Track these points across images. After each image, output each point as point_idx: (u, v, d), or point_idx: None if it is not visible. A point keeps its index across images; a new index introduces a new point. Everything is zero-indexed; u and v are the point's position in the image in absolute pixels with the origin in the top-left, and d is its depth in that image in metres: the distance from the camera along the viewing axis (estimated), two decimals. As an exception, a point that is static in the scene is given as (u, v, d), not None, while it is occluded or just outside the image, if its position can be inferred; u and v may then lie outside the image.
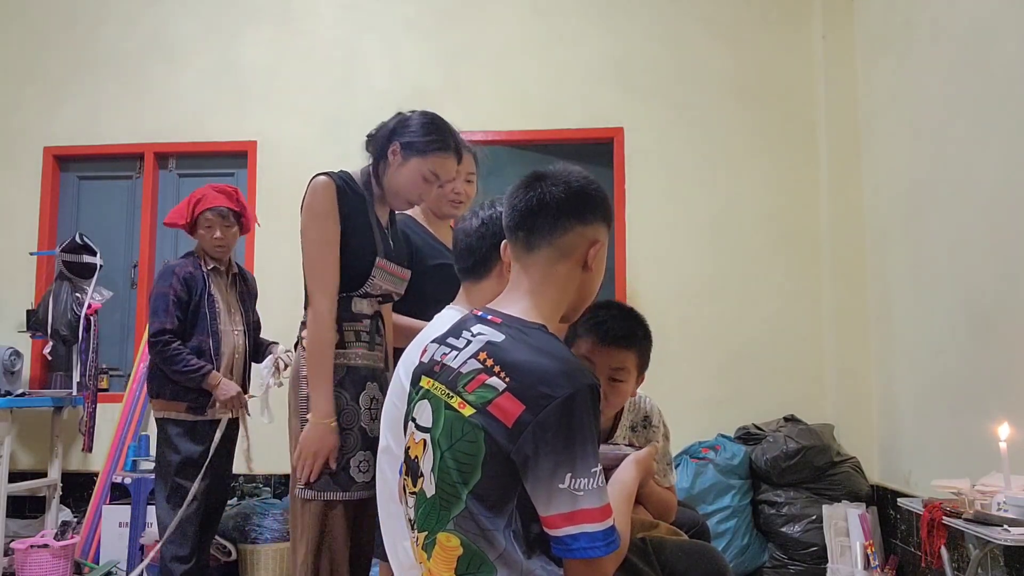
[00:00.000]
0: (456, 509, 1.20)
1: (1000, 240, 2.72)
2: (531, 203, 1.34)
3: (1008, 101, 2.68)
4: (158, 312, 2.99)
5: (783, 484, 3.65)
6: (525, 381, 1.17)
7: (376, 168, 2.07)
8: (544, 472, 1.15)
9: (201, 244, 3.15)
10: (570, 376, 1.17)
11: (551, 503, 1.16)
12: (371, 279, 2.00)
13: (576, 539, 1.16)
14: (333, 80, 4.48)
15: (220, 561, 3.60)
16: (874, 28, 3.86)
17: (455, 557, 1.21)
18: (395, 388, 1.71)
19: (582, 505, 1.15)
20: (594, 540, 1.16)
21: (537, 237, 1.33)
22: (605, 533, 1.17)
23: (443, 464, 1.22)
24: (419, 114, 2.05)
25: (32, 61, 4.63)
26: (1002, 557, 2.56)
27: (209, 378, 2.96)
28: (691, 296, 4.19)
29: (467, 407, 1.21)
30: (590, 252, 1.34)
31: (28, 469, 4.25)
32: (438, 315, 1.76)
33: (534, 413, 1.15)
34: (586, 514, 1.15)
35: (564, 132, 4.39)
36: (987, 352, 2.81)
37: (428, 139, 2.01)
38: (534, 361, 1.19)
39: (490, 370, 1.21)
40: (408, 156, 2.01)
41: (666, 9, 4.38)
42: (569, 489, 1.14)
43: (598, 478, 1.17)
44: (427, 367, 1.35)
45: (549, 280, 1.33)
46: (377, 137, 2.07)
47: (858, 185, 4.01)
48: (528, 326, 1.28)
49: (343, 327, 1.98)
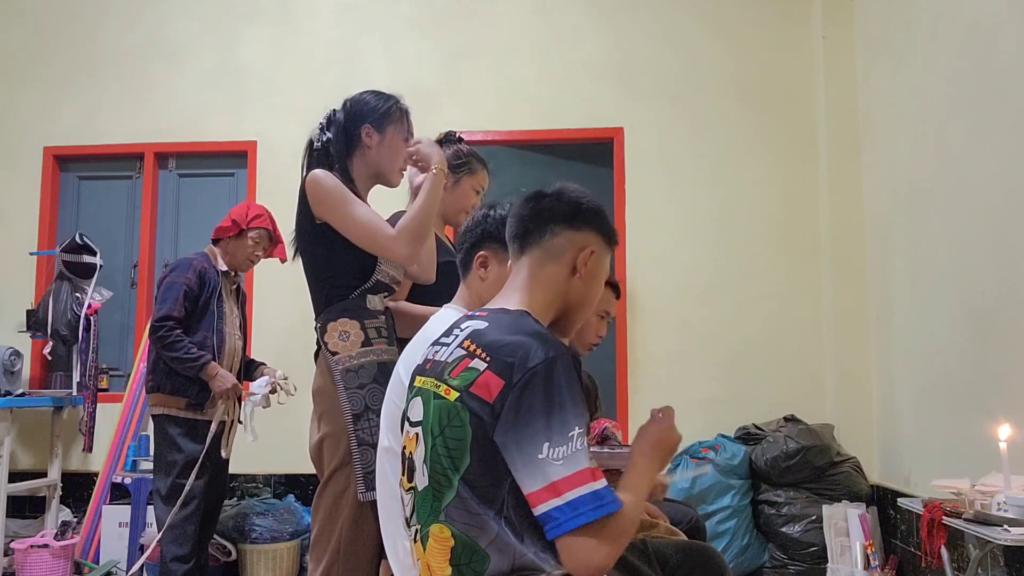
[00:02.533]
0: (447, 498, 1.22)
1: (1000, 240, 2.72)
2: (527, 213, 1.42)
3: (1008, 101, 2.68)
4: (167, 300, 3.02)
5: (783, 484, 3.65)
6: (502, 357, 1.21)
7: (349, 161, 2.09)
8: (524, 445, 1.15)
9: (235, 252, 3.24)
10: (544, 347, 1.21)
11: (533, 478, 1.15)
12: (379, 266, 2.02)
13: (561, 511, 1.14)
14: (333, 80, 4.47)
15: (220, 561, 3.60)
16: (874, 28, 3.86)
17: (449, 548, 1.22)
18: (395, 386, 1.72)
19: (563, 474, 1.14)
20: (578, 507, 1.13)
21: (528, 242, 1.41)
22: (593, 496, 1.14)
23: (434, 452, 1.25)
24: (365, 93, 2.14)
25: (32, 61, 4.63)
26: (1002, 557, 2.56)
27: (208, 367, 2.98)
28: (691, 296, 4.19)
29: (452, 392, 1.24)
30: (579, 257, 1.39)
31: (28, 469, 4.25)
32: (436, 315, 1.79)
33: (510, 385, 1.18)
34: (568, 481, 1.14)
35: (564, 132, 4.39)
36: (987, 352, 2.81)
37: (390, 105, 2.11)
38: (510, 338, 1.24)
39: (472, 354, 1.25)
40: (384, 128, 2.08)
41: (666, 9, 4.39)
42: (548, 459, 1.14)
43: (576, 442, 1.15)
44: (421, 367, 1.39)
45: (537, 279, 1.39)
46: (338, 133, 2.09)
47: (858, 185, 4.01)
48: (509, 312, 1.34)
49: (365, 325, 1.99)
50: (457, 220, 2.43)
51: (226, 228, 3.22)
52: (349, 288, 2.01)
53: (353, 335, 1.98)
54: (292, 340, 4.26)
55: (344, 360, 1.96)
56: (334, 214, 1.98)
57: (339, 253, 2.00)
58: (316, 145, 2.12)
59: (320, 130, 2.12)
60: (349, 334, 1.98)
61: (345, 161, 2.09)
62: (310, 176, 2.01)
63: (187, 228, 4.57)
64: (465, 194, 2.38)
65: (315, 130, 2.14)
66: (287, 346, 4.26)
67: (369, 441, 1.91)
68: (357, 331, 1.98)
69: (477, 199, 2.42)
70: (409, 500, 1.33)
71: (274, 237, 3.33)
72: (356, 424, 1.92)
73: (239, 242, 3.23)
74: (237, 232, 3.21)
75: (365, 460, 1.90)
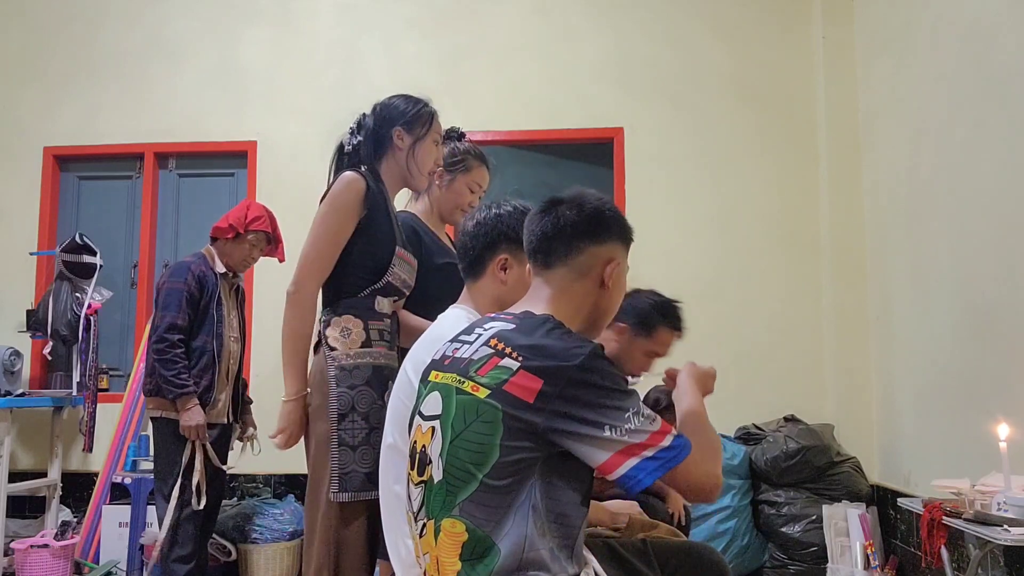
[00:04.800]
0: (464, 493, 1.23)
1: (1000, 240, 2.72)
2: (547, 227, 1.41)
3: (1008, 101, 2.68)
4: (170, 307, 3.01)
5: (783, 484, 3.65)
6: (537, 358, 1.23)
7: (378, 163, 2.10)
8: (584, 432, 1.19)
9: (232, 253, 3.22)
10: (577, 345, 1.24)
11: (602, 451, 1.20)
12: (391, 268, 2.03)
13: (639, 468, 1.19)
14: (333, 80, 4.48)
15: (220, 561, 3.60)
16: (874, 28, 3.86)
17: (460, 543, 1.23)
18: (402, 385, 1.71)
19: (633, 440, 1.19)
20: (656, 459, 1.20)
21: (554, 259, 1.41)
22: (666, 450, 1.20)
23: (453, 448, 1.25)
24: (394, 97, 2.15)
25: (32, 61, 4.64)
26: (1002, 557, 2.56)
27: (185, 399, 2.97)
28: (691, 296, 4.13)
29: (481, 389, 1.25)
30: (606, 271, 1.40)
31: (28, 469, 4.25)
32: (442, 314, 1.78)
33: (554, 385, 1.20)
34: (639, 447, 1.19)
35: (564, 132, 4.39)
36: (987, 352, 2.81)
37: (420, 108, 2.13)
38: (543, 341, 1.26)
39: (502, 353, 1.27)
40: (414, 130, 2.10)
41: (666, 9, 4.39)
42: (612, 437, 1.19)
43: (636, 417, 1.21)
44: (437, 363, 1.39)
45: (566, 296, 1.41)
46: (368, 136, 2.10)
47: (858, 185, 4.01)
48: (535, 316, 1.35)
49: (368, 326, 1.99)
50: (453, 218, 2.42)
51: (224, 230, 3.20)
52: (359, 286, 2.01)
53: (355, 334, 1.98)
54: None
55: (341, 357, 1.96)
56: (323, 215, 1.99)
57: (354, 250, 2.00)
58: (347, 149, 2.14)
59: (350, 134, 2.14)
60: (351, 332, 1.98)
61: (374, 163, 2.10)
62: (343, 175, 2.02)
63: (187, 228, 4.56)
64: (459, 192, 2.38)
65: (345, 134, 2.15)
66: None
67: (349, 443, 1.90)
68: (359, 330, 1.99)
69: (474, 196, 2.41)
70: (418, 494, 1.33)
71: (272, 238, 3.31)
72: (340, 424, 1.91)
73: (237, 244, 3.21)
74: (235, 235, 3.20)
75: (343, 461, 1.89)
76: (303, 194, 4.32)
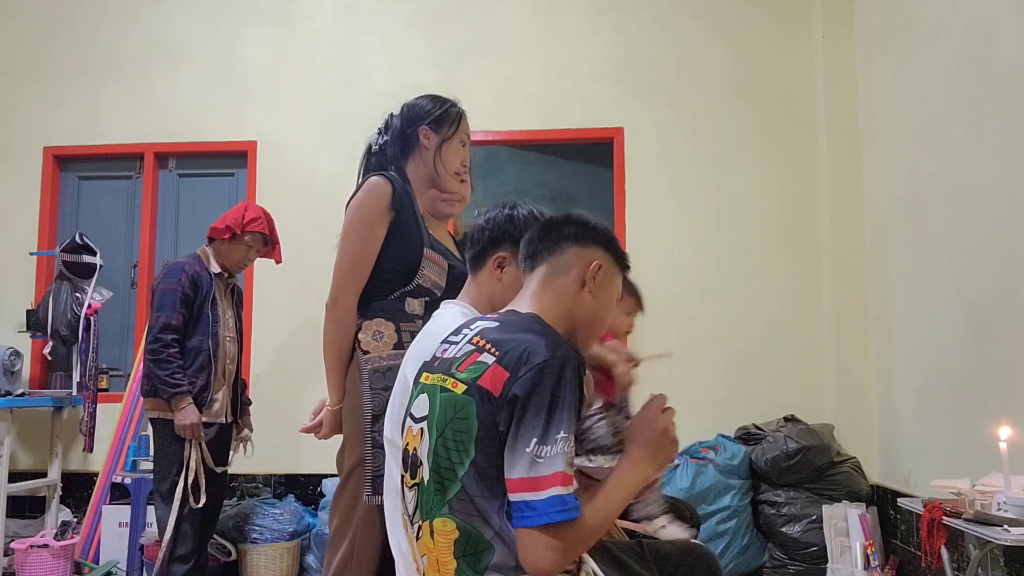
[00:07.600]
0: (452, 491, 1.24)
1: (1000, 240, 2.72)
2: (535, 235, 1.50)
3: (1008, 101, 2.68)
4: (164, 307, 3.02)
5: (783, 484, 3.65)
6: (511, 351, 1.25)
7: (405, 163, 2.11)
8: (519, 433, 1.19)
9: (228, 254, 3.22)
10: (552, 346, 1.24)
11: (514, 467, 1.19)
12: (421, 270, 2.02)
13: (529, 505, 1.18)
14: (333, 80, 4.48)
15: (220, 561, 3.60)
16: (874, 28, 3.86)
17: (453, 541, 1.24)
18: (400, 385, 1.72)
19: (541, 472, 1.17)
20: (542, 507, 1.17)
21: (538, 259, 1.48)
22: (559, 500, 1.17)
23: (437, 446, 1.27)
24: (421, 97, 2.16)
25: (32, 61, 4.63)
26: (1002, 557, 2.56)
27: (179, 398, 2.97)
28: (691, 296, 4.19)
29: (459, 385, 1.27)
30: (588, 271, 1.43)
31: (28, 469, 4.25)
32: (437, 312, 1.79)
33: (516, 378, 1.22)
34: (543, 480, 1.17)
35: (564, 132, 4.39)
36: (987, 352, 2.81)
37: (447, 107, 2.13)
38: (521, 336, 1.28)
39: (482, 349, 1.29)
40: (441, 130, 2.11)
41: (666, 9, 4.38)
42: (532, 454, 1.18)
43: (559, 444, 1.18)
44: (428, 365, 1.42)
45: (546, 290, 1.44)
46: (395, 136, 2.11)
47: (858, 185, 4.00)
48: (520, 313, 1.39)
49: (400, 327, 2.00)
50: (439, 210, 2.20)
51: (220, 230, 3.19)
52: (389, 289, 2.01)
53: (387, 336, 1.99)
54: (292, 340, 4.26)
55: (374, 360, 1.96)
56: (351, 224, 1.99)
57: (384, 254, 2.01)
58: (374, 149, 2.14)
59: (378, 134, 2.15)
60: (383, 335, 1.99)
61: (401, 163, 2.10)
62: (368, 181, 2.03)
63: (187, 228, 4.56)
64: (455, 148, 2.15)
65: (372, 134, 2.16)
66: (287, 346, 4.26)
67: (382, 444, 1.90)
68: (391, 332, 1.99)
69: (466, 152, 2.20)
70: (412, 497, 1.34)
71: (269, 240, 3.30)
72: (373, 426, 1.91)
73: (233, 245, 3.21)
74: (231, 236, 3.19)
75: (376, 463, 1.89)
76: (303, 194, 4.33)
